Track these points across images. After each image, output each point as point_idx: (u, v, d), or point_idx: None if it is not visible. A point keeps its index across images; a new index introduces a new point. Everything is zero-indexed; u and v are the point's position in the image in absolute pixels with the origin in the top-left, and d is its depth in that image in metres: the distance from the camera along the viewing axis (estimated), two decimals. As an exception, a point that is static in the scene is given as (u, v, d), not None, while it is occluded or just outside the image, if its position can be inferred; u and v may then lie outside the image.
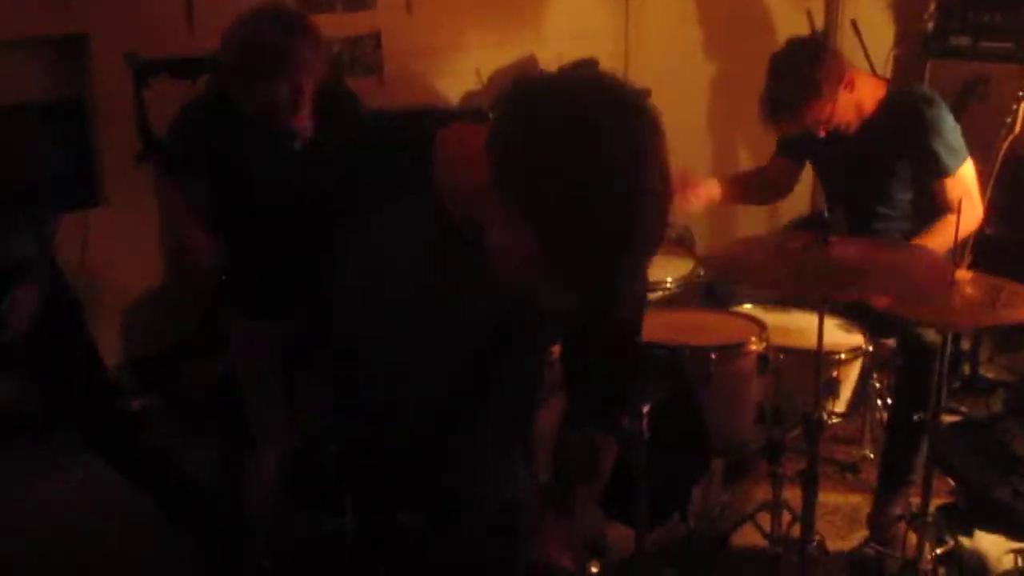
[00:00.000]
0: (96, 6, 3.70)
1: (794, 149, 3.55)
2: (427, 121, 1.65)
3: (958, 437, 3.30)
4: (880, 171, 3.29)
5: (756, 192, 3.72)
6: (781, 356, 2.94)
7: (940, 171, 3.18)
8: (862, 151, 3.27)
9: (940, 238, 3.06)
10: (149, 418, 3.66)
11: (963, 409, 4.00)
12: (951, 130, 3.20)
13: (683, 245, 3.88)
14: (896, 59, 5.08)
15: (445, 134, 1.62)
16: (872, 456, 3.77)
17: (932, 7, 4.84)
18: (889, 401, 3.58)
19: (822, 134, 3.22)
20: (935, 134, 3.16)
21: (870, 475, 3.65)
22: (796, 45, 3.29)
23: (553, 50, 4.81)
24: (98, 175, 3.84)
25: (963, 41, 4.79)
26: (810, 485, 2.77)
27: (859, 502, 3.60)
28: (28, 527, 3.29)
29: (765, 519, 3.18)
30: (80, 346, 2.98)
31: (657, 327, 2.93)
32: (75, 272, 3.78)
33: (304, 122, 2.90)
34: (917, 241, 3.12)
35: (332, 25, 4.22)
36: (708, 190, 3.52)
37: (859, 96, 3.21)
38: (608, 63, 4.91)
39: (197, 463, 3.31)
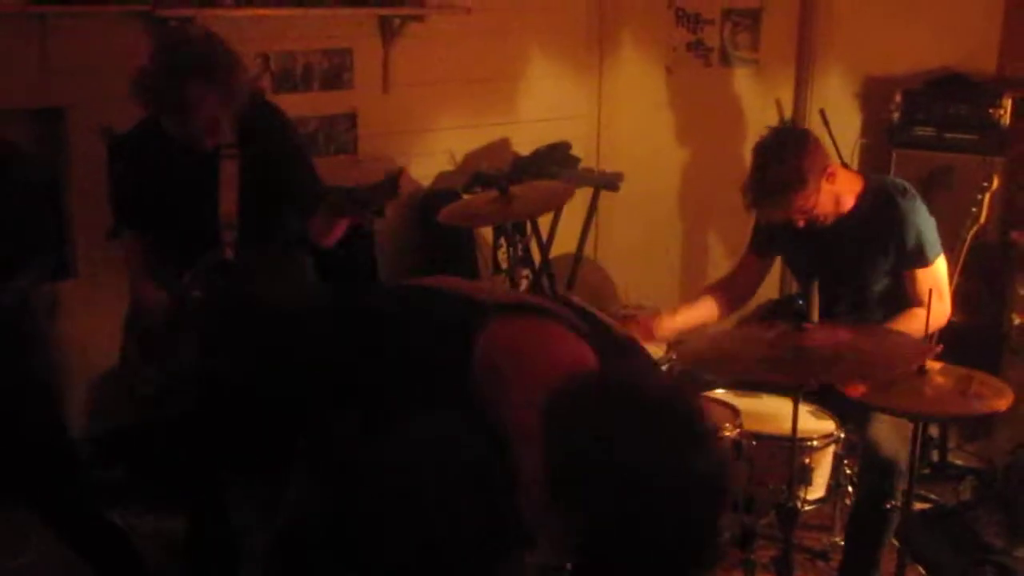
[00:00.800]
0: (74, 79, 3.71)
1: (767, 245, 3.57)
2: (465, 317, 1.61)
3: (928, 525, 3.28)
4: (856, 263, 3.32)
5: (734, 295, 3.69)
6: (754, 442, 2.93)
7: (916, 262, 3.23)
8: (839, 243, 3.30)
9: (909, 327, 3.09)
10: (114, 491, 3.59)
11: (932, 496, 4.00)
12: (927, 221, 3.25)
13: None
14: (863, 148, 5.18)
15: (485, 339, 1.58)
16: (843, 543, 3.75)
17: (898, 98, 4.94)
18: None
19: (801, 224, 3.25)
20: (912, 225, 3.21)
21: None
22: (783, 133, 3.33)
23: (527, 132, 4.88)
24: (71, 248, 3.82)
25: (928, 132, 4.88)
26: (785, 573, 2.75)
27: (829, 590, 3.57)
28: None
29: (736, 606, 3.14)
30: (43, 421, 2.86)
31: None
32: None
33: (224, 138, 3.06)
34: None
35: (308, 103, 4.27)
36: (693, 312, 3.52)
37: (839, 188, 3.26)
38: (580, 146, 4.98)
39: (165, 535, 3.25)
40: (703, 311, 3.55)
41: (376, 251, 4.38)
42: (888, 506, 2.96)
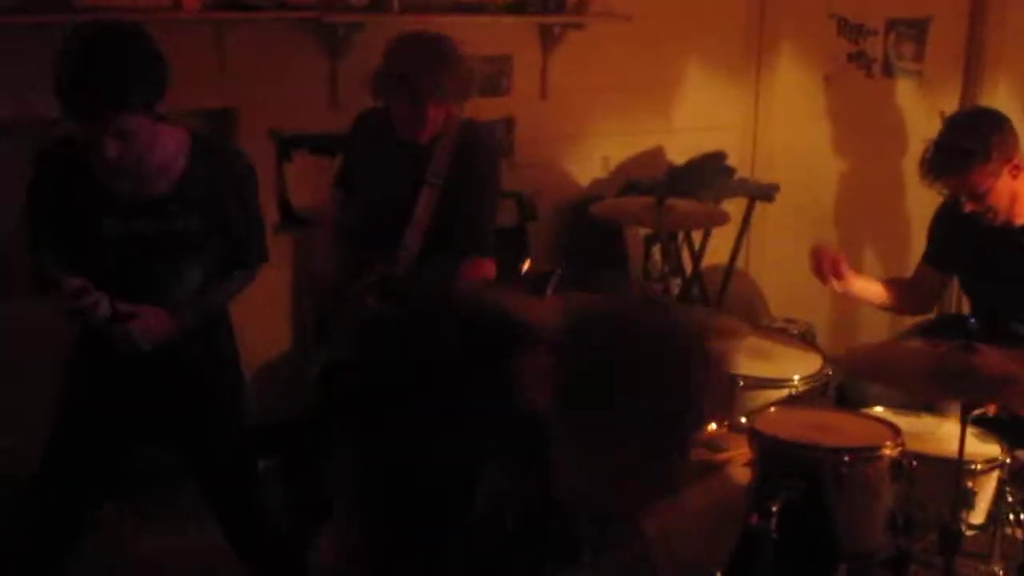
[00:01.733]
0: (246, 81, 3.86)
1: (943, 258, 3.48)
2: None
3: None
4: None
5: (908, 301, 3.62)
6: (915, 463, 2.85)
7: None
8: (1017, 260, 3.20)
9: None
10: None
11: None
12: None
13: (807, 341, 3.81)
14: (1032, 163, 4.99)
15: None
16: (1001, 573, 3.62)
17: (1071, 113, 4.75)
18: (1022, 516, 3.44)
19: (968, 208, 3.16)
20: None
21: (998, 592, 3.50)
22: (981, 108, 3.26)
23: (681, 141, 4.85)
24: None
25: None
26: (944, 599, 2.67)
27: (986, 619, 3.45)
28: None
29: (888, 631, 3.06)
30: (231, 415, 2.91)
31: (786, 424, 2.88)
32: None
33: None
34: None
35: (468, 109, 4.31)
36: (866, 287, 3.46)
37: (1018, 189, 3.15)
38: (736, 156, 4.93)
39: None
40: (877, 289, 3.49)
41: (529, 254, 4.41)
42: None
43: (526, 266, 3.25)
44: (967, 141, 3.10)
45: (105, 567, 3.37)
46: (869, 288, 3.49)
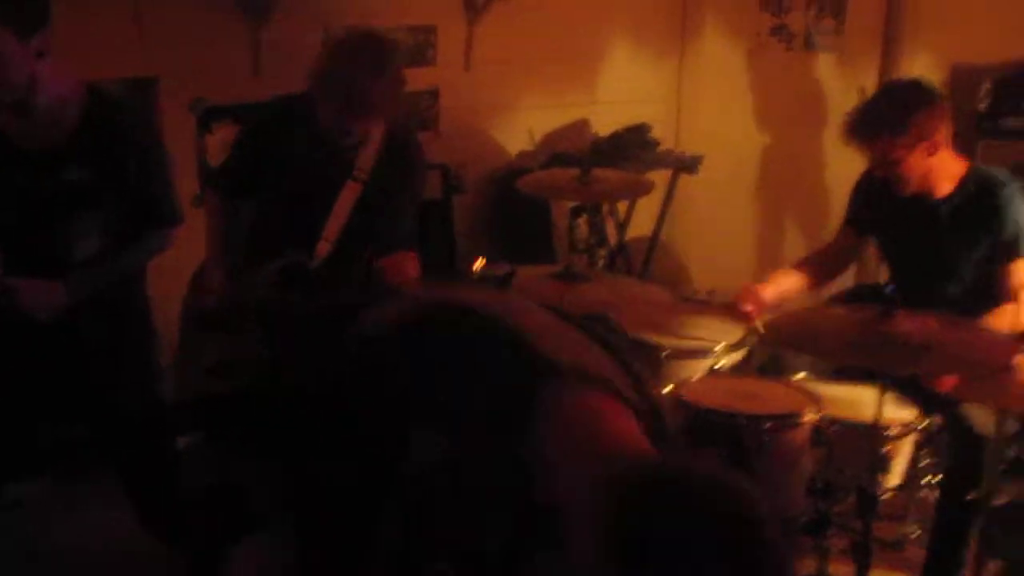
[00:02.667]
0: (166, 50, 3.78)
1: (861, 221, 3.55)
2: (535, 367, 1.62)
3: (1007, 520, 3.25)
4: (951, 250, 3.28)
5: (824, 271, 3.68)
6: (834, 427, 2.92)
7: (1012, 254, 3.18)
8: (934, 227, 3.27)
9: (1001, 323, 3.05)
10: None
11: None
12: None
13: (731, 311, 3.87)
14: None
15: (552, 402, 1.59)
16: (916, 534, 3.72)
17: (986, 87, 4.86)
18: (936, 479, 3.55)
19: (877, 173, 3.24)
20: (1010, 217, 3.17)
21: (913, 553, 3.60)
22: (918, 81, 3.31)
23: (606, 113, 4.88)
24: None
25: (1016, 122, 4.79)
26: (862, 559, 2.74)
27: (902, 580, 3.55)
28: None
29: (808, 593, 3.14)
30: (141, 378, 2.86)
31: (710, 392, 2.93)
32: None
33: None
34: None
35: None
36: (777, 290, 3.50)
37: (934, 164, 3.21)
38: (660, 128, 4.97)
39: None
40: (792, 281, 3.53)
41: (455, 227, 4.42)
42: (970, 498, 2.93)
43: (479, 264, 3.15)
44: (889, 110, 3.16)
45: (28, 546, 3.32)
46: (786, 288, 3.53)
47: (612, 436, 1.55)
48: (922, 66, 5.30)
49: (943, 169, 3.26)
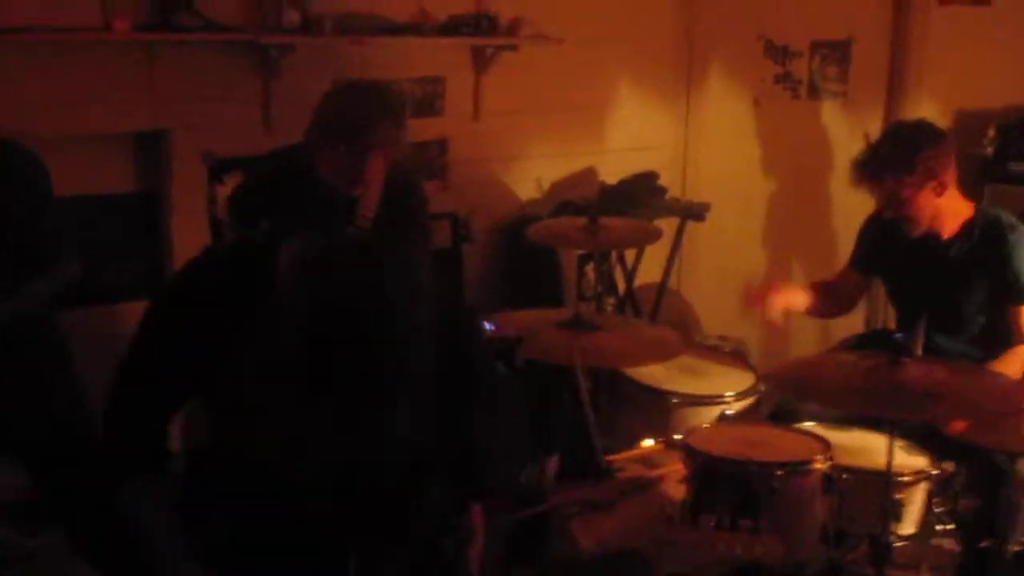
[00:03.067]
0: (177, 104, 3.83)
1: (868, 262, 3.56)
2: None
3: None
4: (957, 292, 3.29)
5: (828, 304, 3.70)
6: (845, 476, 2.91)
7: (1018, 297, 3.19)
8: (941, 269, 3.28)
9: (1011, 367, 3.04)
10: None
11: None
12: None
13: (740, 358, 3.87)
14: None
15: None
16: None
17: (991, 132, 4.89)
18: (948, 527, 3.52)
19: (886, 214, 3.26)
20: (1017, 260, 3.17)
21: (928, 602, 3.57)
22: (923, 122, 3.34)
23: (614, 162, 4.90)
24: (169, 266, 3.92)
25: (1023, 167, 4.82)
26: (876, 608, 2.72)
27: (916, 629, 3.51)
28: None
29: (823, 642, 3.11)
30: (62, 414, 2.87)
31: (720, 440, 2.91)
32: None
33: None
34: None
35: (402, 130, 4.34)
36: (792, 296, 3.52)
37: (942, 204, 3.23)
38: (667, 176, 4.99)
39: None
40: (800, 298, 3.57)
41: (464, 275, 4.43)
42: (986, 544, 2.91)
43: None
44: (896, 150, 3.19)
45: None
46: (795, 301, 3.56)
47: None
48: (927, 111, 5.34)
49: (951, 210, 3.27)
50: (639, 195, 4.75)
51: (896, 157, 3.17)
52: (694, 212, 4.89)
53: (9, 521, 3.40)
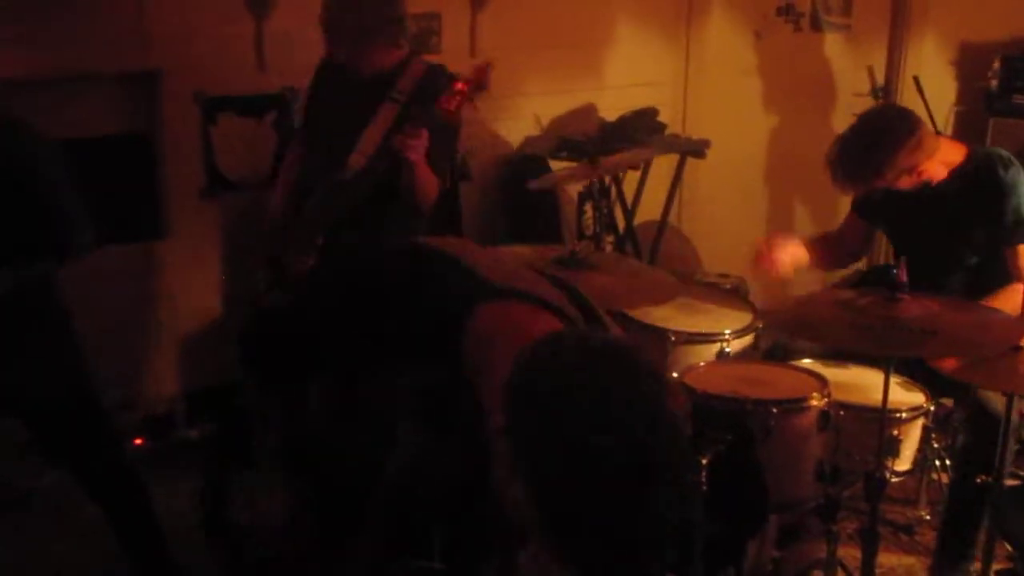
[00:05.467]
0: (170, 43, 3.78)
1: (867, 207, 3.53)
2: (472, 289, 1.63)
3: (1018, 502, 3.23)
4: (954, 233, 3.26)
5: (834, 256, 3.67)
6: (842, 413, 2.91)
7: (1017, 236, 3.16)
8: (938, 212, 3.25)
9: (1007, 303, 3.02)
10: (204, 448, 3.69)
11: (1022, 473, 3.93)
12: None
13: (739, 296, 3.86)
14: (958, 116, 5.07)
15: (485, 311, 1.59)
16: (928, 517, 3.71)
17: (996, 65, 4.82)
18: (947, 462, 3.53)
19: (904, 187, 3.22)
20: (1013, 198, 3.14)
21: (925, 537, 3.59)
22: (894, 116, 3.28)
23: (613, 98, 4.85)
24: (163, 209, 3.90)
25: (1027, 100, 4.77)
26: (870, 543, 2.73)
27: (913, 564, 3.53)
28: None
29: (818, 578, 3.13)
30: (73, 381, 2.88)
31: (716, 378, 2.91)
32: (135, 302, 3.85)
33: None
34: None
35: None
36: (795, 252, 3.48)
37: (929, 166, 3.19)
38: (667, 112, 4.94)
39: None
40: (803, 254, 3.52)
41: (461, 213, 4.40)
42: (981, 480, 2.91)
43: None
44: (865, 155, 3.14)
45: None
46: (800, 255, 3.52)
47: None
48: (930, 44, 5.28)
49: (942, 159, 3.23)
50: (639, 132, 4.70)
51: (866, 165, 3.13)
52: (694, 148, 4.84)
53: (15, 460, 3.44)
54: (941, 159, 3.22)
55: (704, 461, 2.52)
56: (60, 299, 2.86)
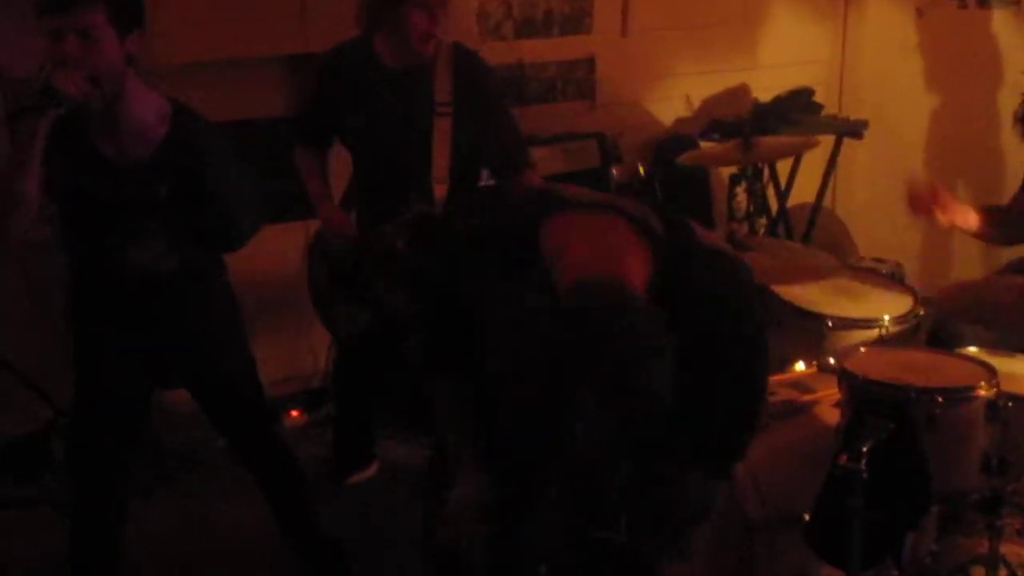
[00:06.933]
0: (328, 26, 3.85)
1: None
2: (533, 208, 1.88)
3: None
4: None
5: (1002, 232, 3.52)
6: (1010, 404, 2.79)
7: None
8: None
9: None
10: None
11: None
12: None
13: (898, 280, 3.75)
14: None
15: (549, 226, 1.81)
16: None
17: None
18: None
19: None
20: None
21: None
22: None
23: (767, 78, 4.76)
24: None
25: None
26: (1038, 540, 2.62)
27: (1080, 563, 3.39)
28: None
29: (979, 573, 3.03)
30: (237, 360, 2.94)
31: (879, 365, 2.83)
32: (294, 279, 3.94)
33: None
34: None
35: (548, 48, 4.29)
36: (964, 215, 3.37)
37: None
38: (823, 92, 4.83)
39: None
40: (971, 216, 3.39)
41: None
42: None
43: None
44: None
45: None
46: (966, 215, 3.40)
47: (599, 246, 1.74)
48: (1110, 19, 5.01)
49: None
50: (794, 112, 4.61)
51: None
52: (851, 129, 4.73)
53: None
54: None
55: (864, 449, 2.46)
56: (227, 280, 2.95)
